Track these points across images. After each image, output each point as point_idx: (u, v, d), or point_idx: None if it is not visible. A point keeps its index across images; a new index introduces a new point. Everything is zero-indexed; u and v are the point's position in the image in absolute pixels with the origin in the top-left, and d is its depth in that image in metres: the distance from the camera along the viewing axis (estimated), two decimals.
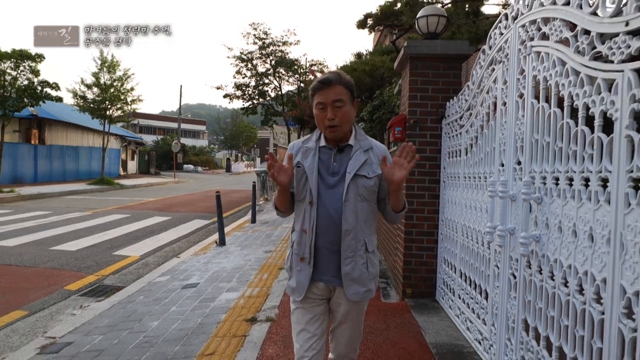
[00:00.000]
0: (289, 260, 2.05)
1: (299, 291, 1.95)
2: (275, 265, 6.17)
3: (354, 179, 1.88)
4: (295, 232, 2.00)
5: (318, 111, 1.92)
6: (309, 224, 1.90)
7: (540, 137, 2.15)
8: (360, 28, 9.37)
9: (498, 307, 2.60)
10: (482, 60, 3.08)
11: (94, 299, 5.16)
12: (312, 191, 1.90)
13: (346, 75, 1.97)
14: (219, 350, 3.41)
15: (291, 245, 2.04)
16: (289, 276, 2.04)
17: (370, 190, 1.92)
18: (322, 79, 1.91)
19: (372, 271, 1.97)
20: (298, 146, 2.03)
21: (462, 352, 3.10)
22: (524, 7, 2.36)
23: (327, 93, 1.87)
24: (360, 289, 1.92)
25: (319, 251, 1.92)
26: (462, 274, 3.46)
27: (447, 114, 4.12)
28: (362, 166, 1.90)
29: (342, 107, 1.88)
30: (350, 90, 1.93)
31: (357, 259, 1.90)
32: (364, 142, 1.97)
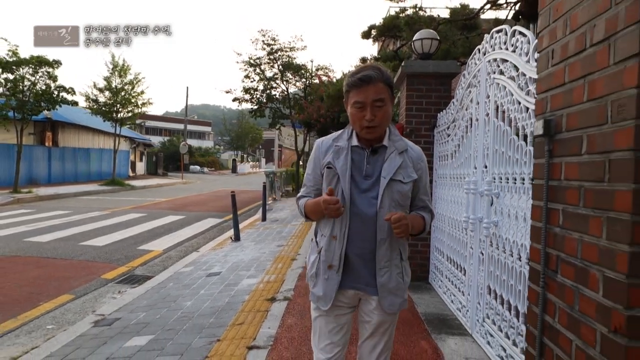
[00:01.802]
0: (314, 266, 1.88)
1: (326, 300, 1.82)
2: (287, 256, 6.88)
3: (389, 183, 1.75)
4: (324, 237, 1.83)
5: (355, 110, 1.75)
6: (340, 230, 1.77)
7: (499, 147, 2.85)
8: (365, 38, 10.08)
9: (472, 279, 3.32)
10: (463, 83, 3.78)
11: (129, 285, 5.86)
12: (344, 195, 1.75)
13: (387, 70, 1.80)
14: (247, 321, 4.12)
15: (318, 252, 1.87)
16: (312, 283, 1.90)
17: (405, 196, 1.79)
18: (361, 76, 1.72)
19: (407, 280, 1.87)
20: (327, 144, 1.87)
21: (446, 319, 3.82)
22: (490, 47, 3.06)
23: (367, 91, 1.71)
24: (397, 299, 1.81)
25: (349, 259, 1.79)
26: (448, 257, 4.18)
27: (438, 123, 4.82)
28: (397, 170, 1.77)
29: (383, 106, 1.73)
30: (390, 87, 1.77)
31: (392, 268, 1.79)
32: (399, 144, 1.82)
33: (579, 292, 1.30)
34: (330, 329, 1.86)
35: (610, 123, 1.17)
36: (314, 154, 1.91)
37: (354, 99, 1.74)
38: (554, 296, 1.45)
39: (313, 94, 16.74)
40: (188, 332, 3.97)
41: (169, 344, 3.70)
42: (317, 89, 14.53)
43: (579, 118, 1.32)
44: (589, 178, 1.27)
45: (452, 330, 3.54)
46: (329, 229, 1.80)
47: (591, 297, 1.24)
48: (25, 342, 4.02)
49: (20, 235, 9.03)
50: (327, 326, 1.87)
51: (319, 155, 1.87)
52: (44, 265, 6.76)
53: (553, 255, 1.46)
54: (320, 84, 15.34)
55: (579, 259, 1.31)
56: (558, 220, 1.43)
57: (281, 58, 18.35)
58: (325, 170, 1.82)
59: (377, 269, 1.76)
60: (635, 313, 1.09)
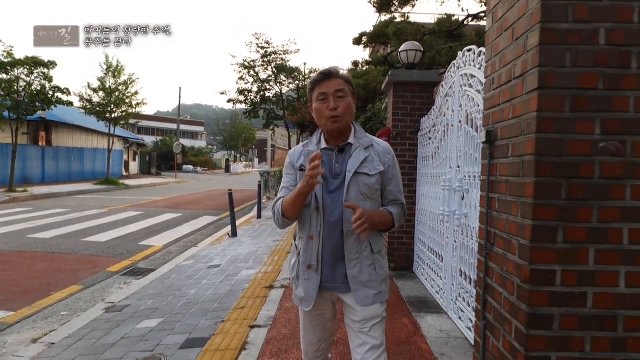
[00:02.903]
0: (294, 269, 1.95)
1: (308, 301, 1.88)
2: (283, 250, 7.32)
3: (355, 177, 1.82)
4: (302, 239, 1.90)
5: (319, 103, 1.86)
6: (316, 230, 1.83)
7: (468, 150, 3.32)
8: (356, 44, 10.57)
9: (447, 264, 3.79)
10: (441, 92, 4.25)
11: (134, 277, 6.24)
12: (317, 196, 1.83)
13: (344, 71, 1.94)
14: (248, 305, 4.55)
15: (297, 254, 1.93)
16: (294, 285, 1.96)
17: (373, 188, 1.85)
18: (322, 71, 1.88)
19: (381, 272, 1.88)
20: (299, 151, 1.98)
21: (426, 301, 4.30)
22: (462, 63, 3.53)
23: (329, 84, 1.84)
24: (370, 292, 1.82)
25: (325, 258, 1.84)
26: (429, 247, 4.65)
27: (421, 127, 5.30)
28: (362, 164, 1.84)
29: (345, 97, 1.84)
30: (349, 84, 1.90)
31: (362, 260, 1.82)
32: (363, 140, 1.90)
33: (506, 257, 1.75)
34: (315, 325, 1.96)
35: (523, 135, 1.61)
36: (287, 161, 2.01)
37: (318, 91, 1.86)
38: (492, 263, 1.90)
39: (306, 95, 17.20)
40: (194, 315, 4.38)
41: (178, 325, 4.12)
42: None
43: (507, 131, 1.77)
44: (512, 174, 1.72)
45: (431, 309, 4.02)
46: (307, 230, 1.86)
47: (512, 260, 1.69)
48: (43, 327, 4.41)
49: (22, 232, 9.34)
50: (311, 323, 1.96)
51: (292, 161, 1.97)
52: (50, 259, 7.12)
53: (492, 233, 1.91)
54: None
55: (506, 233, 1.76)
56: (495, 206, 1.88)
57: (275, 61, 18.81)
58: (299, 173, 1.92)
59: (347, 261, 1.81)
60: (536, 267, 1.54)
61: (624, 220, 1.51)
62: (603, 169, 1.51)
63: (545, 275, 1.53)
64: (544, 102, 1.51)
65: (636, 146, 1.51)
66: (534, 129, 1.52)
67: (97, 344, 3.78)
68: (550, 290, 1.54)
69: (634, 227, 1.51)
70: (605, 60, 1.49)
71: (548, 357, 1.54)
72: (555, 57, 1.50)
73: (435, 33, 6.92)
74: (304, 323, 2.00)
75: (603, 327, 1.53)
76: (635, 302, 1.52)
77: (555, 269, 1.53)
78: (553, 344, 1.54)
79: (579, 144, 1.51)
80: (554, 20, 1.49)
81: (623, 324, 1.53)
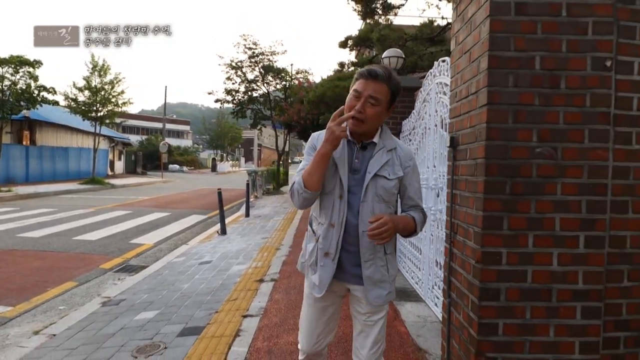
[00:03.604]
0: (312, 255, 1.92)
1: (321, 288, 1.87)
2: (272, 247, 7.62)
3: (374, 179, 1.80)
4: (322, 225, 1.87)
5: (351, 97, 1.80)
6: (338, 218, 1.81)
7: (443, 151, 3.66)
8: (342, 47, 10.91)
9: (425, 256, 4.14)
10: (420, 98, 4.60)
11: (127, 274, 6.46)
12: (342, 183, 1.80)
13: (397, 76, 1.85)
14: (240, 297, 4.84)
15: (315, 240, 1.91)
16: (311, 271, 1.93)
17: (390, 192, 1.83)
18: (371, 70, 1.78)
19: (392, 272, 1.92)
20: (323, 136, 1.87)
21: (407, 291, 4.65)
22: (437, 72, 3.88)
23: (369, 85, 1.75)
24: (383, 292, 1.87)
25: (343, 248, 1.84)
26: (410, 242, 5.00)
27: (402, 130, 5.64)
28: (383, 166, 1.81)
29: (376, 106, 1.76)
30: (393, 94, 1.81)
31: (376, 261, 1.84)
32: (388, 142, 1.86)
33: (465, 243, 2.08)
34: (317, 318, 1.95)
35: (476, 142, 1.94)
36: (309, 143, 1.95)
37: (355, 87, 1.80)
38: (455, 249, 2.23)
39: (293, 95, 17.48)
40: (189, 307, 4.65)
41: (174, 316, 4.39)
42: (297, 92, 15.28)
43: (466, 137, 2.10)
44: (468, 174, 2.05)
45: (410, 298, 4.37)
46: (328, 217, 1.83)
47: (469, 245, 2.02)
48: (42, 320, 4.63)
49: (11, 231, 9.44)
50: (317, 314, 1.95)
51: (315, 144, 1.89)
52: (42, 257, 7.29)
53: (455, 223, 2.24)
54: (300, 87, 16.09)
55: (465, 223, 2.09)
56: (457, 200, 2.22)
57: (262, 61, 19.06)
58: None
59: (362, 261, 1.82)
60: (486, 250, 1.87)
61: (555, 211, 1.86)
62: (539, 169, 1.86)
63: (493, 257, 1.87)
64: (491, 115, 1.85)
65: (565, 151, 1.85)
66: (484, 137, 1.86)
67: (98, 334, 4.03)
68: (497, 269, 1.88)
69: (564, 216, 1.86)
70: (540, 82, 1.83)
71: (496, 323, 1.88)
72: (501, 79, 1.84)
73: (417, 39, 7.28)
74: (309, 316, 1.97)
75: (540, 298, 1.87)
76: (565, 277, 1.87)
77: (502, 251, 1.87)
78: (500, 313, 1.88)
79: (520, 149, 1.85)
80: (499, 49, 1.83)
81: (556, 295, 1.87)
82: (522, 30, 1.82)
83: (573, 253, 1.86)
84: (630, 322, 1.93)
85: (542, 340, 1.88)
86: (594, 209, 1.86)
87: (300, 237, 8.60)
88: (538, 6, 1.82)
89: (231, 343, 3.60)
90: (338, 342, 3.46)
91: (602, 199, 1.86)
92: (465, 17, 2.13)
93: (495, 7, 1.82)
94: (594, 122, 1.85)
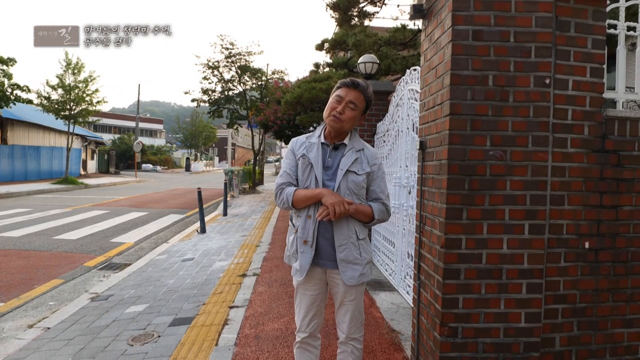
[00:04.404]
0: (293, 244, 2.21)
1: (301, 272, 2.14)
2: (252, 244, 7.88)
3: (346, 174, 2.11)
4: (300, 217, 2.16)
5: (334, 101, 2.15)
6: (314, 211, 2.09)
7: (414, 152, 4.03)
8: (319, 50, 11.23)
9: (398, 249, 4.51)
10: (393, 102, 4.97)
11: (111, 271, 6.62)
12: (317, 179, 2.12)
13: (371, 89, 2.26)
14: (225, 291, 5.11)
15: (295, 231, 2.19)
16: (293, 259, 2.21)
17: (359, 185, 2.13)
18: (354, 81, 2.17)
19: (365, 256, 2.16)
20: (302, 141, 2.25)
21: (381, 282, 5.01)
22: (409, 79, 4.24)
23: (350, 92, 2.13)
24: (355, 273, 2.11)
25: (319, 236, 2.12)
26: (384, 237, 5.37)
27: (377, 131, 6.01)
28: (353, 163, 2.13)
29: (353, 110, 2.13)
30: (367, 103, 2.21)
31: (349, 246, 2.10)
32: (357, 144, 2.20)
33: (432, 231, 2.43)
34: (307, 301, 2.22)
35: (441, 145, 2.29)
36: (289, 148, 2.27)
37: (338, 93, 2.16)
38: (424, 237, 2.58)
39: (269, 96, 17.69)
40: (177, 300, 4.89)
41: (164, 308, 4.63)
42: (274, 92, 15.51)
43: (433, 142, 2.45)
44: (435, 173, 2.40)
45: (384, 288, 4.74)
46: (305, 209, 2.12)
47: (435, 233, 2.37)
48: (35, 315, 4.78)
49: None
50: (304, 298, 2.22)
51: (294, 149, 2.23)
52: (25, 256, 7.34)
53: (423, 215, 2.59)
54: (276, 87, 16.32)
55: (431, 214, 2.44)
56: (426, 196, 2.56)
57: (239, 61, 19.20)
58: (300, 160, 2.18)
59: (337, 246, 2.09)
60: (449, 236, 2.22)
61: (505, 203, 2.23)
62: (492, 169, 2.22)
63: (455, 242, 2.23)
64: (453, 123, 2.20)
65: (513, 154, 2.22)
66: (447, 141, 2.21)
67: (92, 326, 4.24)
68: (458, 252, 2.23)
69: (512, 208, 2.23)
70: (493, 96, 2.20)
71: (457, 298, 2.24)
72: (461, 93, 2.19)
73: (390, 44, 7.68)
74: (299, 301, 2.25)
75: (492, 276, 2.24)
76: (513, 259, 2.24)
77: (462, 238, 2.23)
78: (460, 289, 2.24)
79: (476, 152, 2.21)
80: (459, 69, 2.18)
81: (505, 274, 2.24)
82: (478, 53, 2.19)
83: (519, 238, 2.24)
84: (566, 296, 2.33)
85: (494, 311, 2.25)
86: (536, 202, 2.25)
87: (279, 234, 8.88)
88: (491, 33, 2.19)
89: (221, 330, 3.87)
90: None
91: (543, 193, 2.25)
92: (432, 39, 2.48)
93: (456, 33, 2.18)
94: (537, 130, 2.23)
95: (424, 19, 2.62)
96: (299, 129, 14.03)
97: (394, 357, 3.19)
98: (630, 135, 2.35)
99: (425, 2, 2.55)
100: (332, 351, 3.24)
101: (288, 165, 2.23)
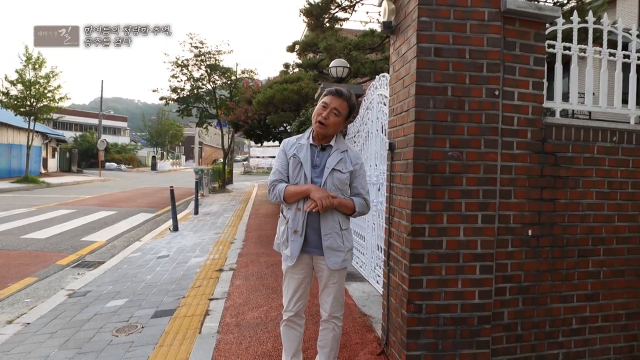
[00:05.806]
0: (284, 234, 2.49)
1: (292, 258, 2.43)
2: (226, 241, 8.07)
3: (331, 172, 2.39)
4: (291, 210, 2.44)
5: (320, 107, 2.42)
6: (304, 203, 2.38)
7: (383, 152, 4.38)
8: (289, 52, 11.53)
9: (368, 242, 4.86)
10: (364, 105, 5.31)
11: (85, 269, 6.66)
12: (306, 176, 2.40)
13: (355, 98, 2.53)
14: (203, 284, 5.31)
15: (286, 222, 2.47)
16: (284, 247, 2.49)
17: (343, 182, 2.44)
18: (339, 90, 2.45)
19: (347, 245, 2.48)
20: (292, 142, 2.52)
21: (354, 274, 5.34)
22: (379, 85, 4.59)
23: (335, 100, 2.41)
24: (338, 259, 2.42)
25: (308, 226, 2.39)
26: (355, 232, 5.71)
27: (348, 132, 6.35)
28: (338, 162, 2.41)
29: (338, 116, 2.40)
30: (350, 110, 2.47)
31: (334, 235, 2.40)
32: (341, 145, 2.48)
33: (399, 222, 2.77)
34: (294, 283, 2.50)
35: (407, 147, 2.63)
36: (281, 148, 2.55)
37: (324, 100, 2.44)
38: (392, 228, 2.92)
39: (239, 95, 17.77)
40: (157, 294, 5.06)
41: (144, 302, 4.79)
42: (244, 92, 15.63)
43: (400, 144, 2.79)
44: (402, 170, 2.73)
45: (356, 279, 5.08)
46: (296, 203, 2.41)
47: (402, 223, 2.71)
48: (12, 311, 4.84)
49: None
50: (292, 282, 2.50)
51: (285, 149, 2.51)
52: None
53: (392, 208, 2.93)
54: (247, 87, 16.44)
55: (399, 207, 2.78)
56: (394, 191, 2.90)
57: (208, 60, 19.18)
58: (291, 159, 2.46)
59: (323, 235, 2.38)
60: (414, 226, 2.56)
61: (462, 197, 2.59)
62: (450, 167, 2.58)
63: (419, 230, 2.58)
64: (418, 128, 2.55)
65: (468, 154, 2.59)
66: (412, 143, 2.56)
67: (73, 320, 4.37)
68: (422, 239, 2.58)
69: (467, 201, 2.59)
70: (451, 105, 2.56)
71: (421, 279, 2.58)
72: (424, 102, 2.54)
73: (359, 48, 8.06)
74: (287, 283, 2.54)
75: (451, 260, 2.60)
76: (468, 244, 2.61)
77: (425, 227, 2.58)
78: (424, 271, 2.58)
79: (437, 153, 2.57)
80: (423, 80, 2.53)
81: (462, 257, 2.61)
82: (439, 67, 2.54)
83: (474, 227, 2.61)
84: (513, 277, 2.72)
85: (453, 290, 2.61)
86: (488, 196, 2.62)
87: (252, 232, 9.09)
88: (450, 51, 2.54)
89: (203, 320, 4.09)
90: None
91: (493, 188, 2.63)
92: (399, 52, 2.83)
93: (420, 50, 2.52)
94: (488, 134, 2.60)
95: (392, 34, 2.96)
96: (270, 129, 14.22)
97: (367, 337, 3.53)
98: (565, 139, 2.77)
99: (394, 20, 2.88)
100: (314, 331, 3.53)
101: (280, 164, 2.50)
